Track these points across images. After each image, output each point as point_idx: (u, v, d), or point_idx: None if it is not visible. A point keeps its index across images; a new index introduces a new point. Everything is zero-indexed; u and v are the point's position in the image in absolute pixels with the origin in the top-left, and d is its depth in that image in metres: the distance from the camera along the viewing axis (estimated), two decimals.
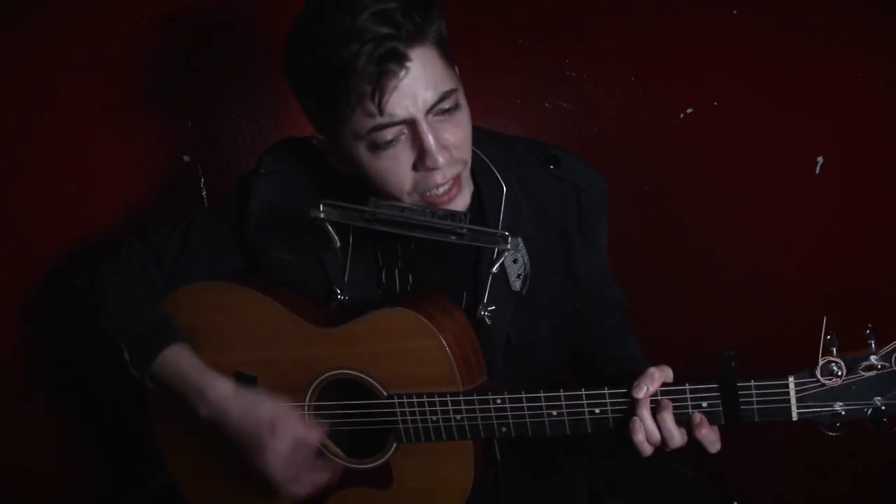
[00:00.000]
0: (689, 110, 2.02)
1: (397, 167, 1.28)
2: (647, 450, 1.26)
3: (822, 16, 1.85)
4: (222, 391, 1.43)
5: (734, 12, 1.91)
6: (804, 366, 1.20)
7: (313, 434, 1.41)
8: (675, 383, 1.25)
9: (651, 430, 1.24)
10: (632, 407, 1.25)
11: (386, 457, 1.43)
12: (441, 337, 1.34)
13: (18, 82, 1.84)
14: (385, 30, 1.18)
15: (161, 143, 2.04)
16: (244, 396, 1.43)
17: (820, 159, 1.93)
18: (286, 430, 1.38)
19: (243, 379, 1.49)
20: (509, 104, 2.15)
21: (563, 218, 1.46)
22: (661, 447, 1.26)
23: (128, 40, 1.95)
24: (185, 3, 2.00)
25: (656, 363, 1.28)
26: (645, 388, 1.23)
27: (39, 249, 1.92)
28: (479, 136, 1.41)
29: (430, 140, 1.24)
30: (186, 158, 2.06)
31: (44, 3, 1.82)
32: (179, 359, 1.46)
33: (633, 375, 1.26)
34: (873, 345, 1.16)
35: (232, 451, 1.45)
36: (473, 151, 1.38)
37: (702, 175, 2.07)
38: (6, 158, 1.84)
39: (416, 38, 1.21)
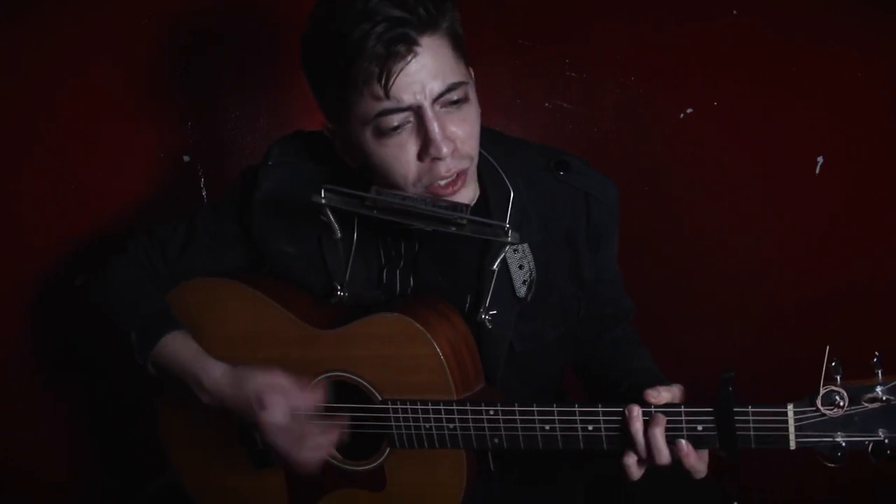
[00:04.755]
0: (689, 110, 2.02)
1: (402, 155, 1.27)
2: (636, 473, 1.25)
3: (822, 16, 1.85)
4: (216, 374, 1.42)
5: (734, 12, 1.91)
6: (805, 375, 1.16)
7: (305, 399, 1.38)
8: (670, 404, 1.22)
9: (641, 447, 1.22)
10: (625, 425, 1.23)
11: (379, 460, 1.43)
12: (436, 344, 1.33)
13: (18, 82, 1.84)
14: (397, 13, 1.19)
15: (161, 143, 2.04)
16: (234, 375, 1.41)
17: (820, 159, 1.93)
18: (274, 401, 1.35)
19: None
20: (509, 104, 2.14)
21: (572, 224, 1.44)
22: (648, 462, 1.25)
23: (128, 40, 1.94)
24: (185, 4, 2.00)
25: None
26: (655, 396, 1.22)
27: (39, 249, 1.92)
28: (488, 139, 1.40)
29: (435, 128, 1.24)
30: (186, 158, 2.06)
31: (44, 3, 1.82)
32: (178, 345, 1.46)
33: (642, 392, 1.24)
34: (880, 374, 1.10)
35: (231, 435, 1.44)
36: (481, 154, 1.37)
37: (702, 175, 2.07)
38: (6, 158, 1.84)
39: (427, 26, 1.21)
